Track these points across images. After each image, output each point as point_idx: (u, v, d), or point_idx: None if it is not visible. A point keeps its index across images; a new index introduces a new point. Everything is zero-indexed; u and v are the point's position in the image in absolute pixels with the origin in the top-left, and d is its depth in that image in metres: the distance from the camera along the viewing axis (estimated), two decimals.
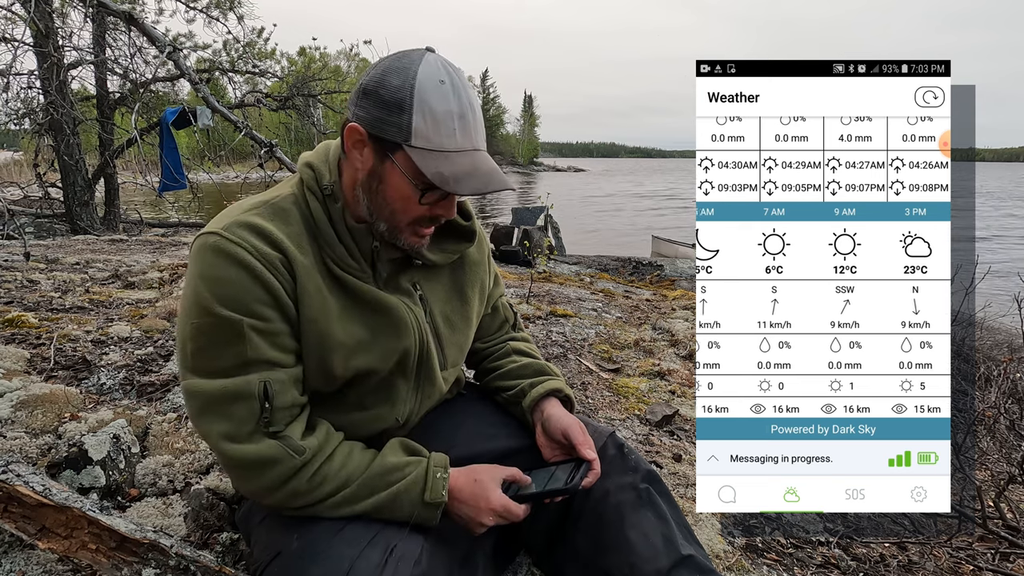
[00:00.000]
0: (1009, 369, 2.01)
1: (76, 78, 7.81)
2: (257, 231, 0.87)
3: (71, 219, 7.55)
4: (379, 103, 0.86)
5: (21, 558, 1.07)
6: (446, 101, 0.85)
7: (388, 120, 0.86)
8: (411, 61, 0.86)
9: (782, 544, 1.52)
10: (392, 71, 0.86)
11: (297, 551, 0.87)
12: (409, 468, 0.92)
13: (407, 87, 0.84)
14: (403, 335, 0.97)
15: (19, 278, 3.28)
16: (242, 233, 0.86)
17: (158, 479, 1.33)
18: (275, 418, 0.87)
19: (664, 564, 0.94)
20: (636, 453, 1.07)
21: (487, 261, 1.16)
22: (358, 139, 0.89)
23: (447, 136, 0.85)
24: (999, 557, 1.56)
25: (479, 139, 0.90)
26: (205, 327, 0.85)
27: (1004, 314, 2.47)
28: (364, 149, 0.90)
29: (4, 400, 1.55)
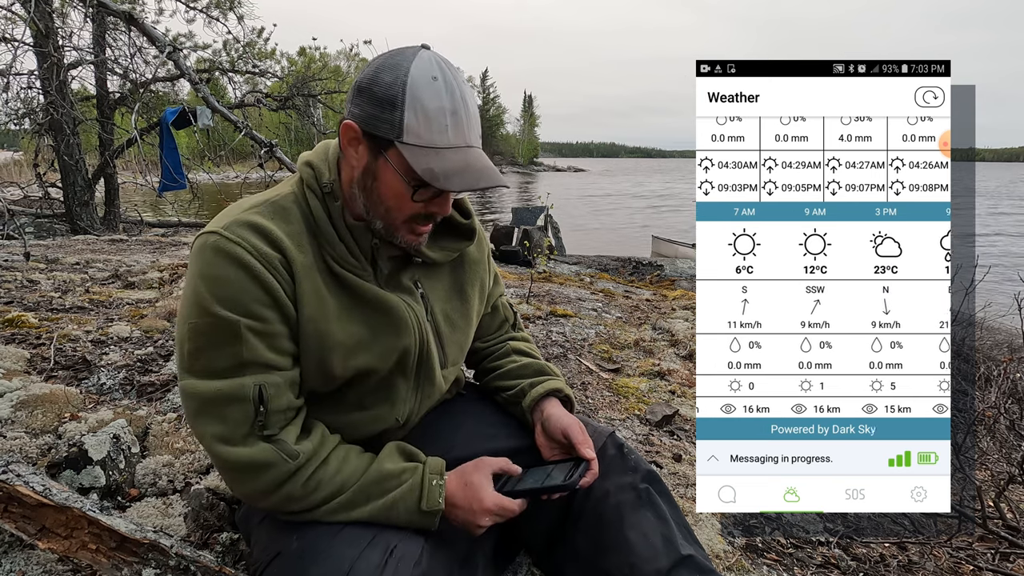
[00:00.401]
0: (1009, 369, 2.01)
1: (76, 78, 7.81)
2: (257, 230, 0.87)
3: (71, 219, 7.54)
4: (372, 100, 0.86)
5: (21, 558, 1.07)
6: (438, 97, 0.85)
7: (381, 117, 0.85)
8: (404, 58, 0.86)
9: (782, 544, 1.52)
10: (385, 68, 0.86)
11: (297, 552, 0.87)
12: (405, 475, 0.92)
13: (399, 84, 0.84)
14: (403, 333, 0.97)
15: (19, 278, 3.27)
16: (242, 232, 0.86)
17: (158, 479, 1.33)
18: (269, 421, 0.86)
19: (664, 564, 0.93)
20: (636, 453, 1.07)
21: (487, 260, 1.15)
22: (353, 136, 0.89)
23: (438, 132, 0.85)
24: (999, 557, 1.56)
25: (472, 136, 0.89)
26: (203, 327, 0.84)
27: (1004, 314, 2.46)
28: (359, 146, 0.90)
29: (4, 400, 1.55)
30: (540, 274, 5.41)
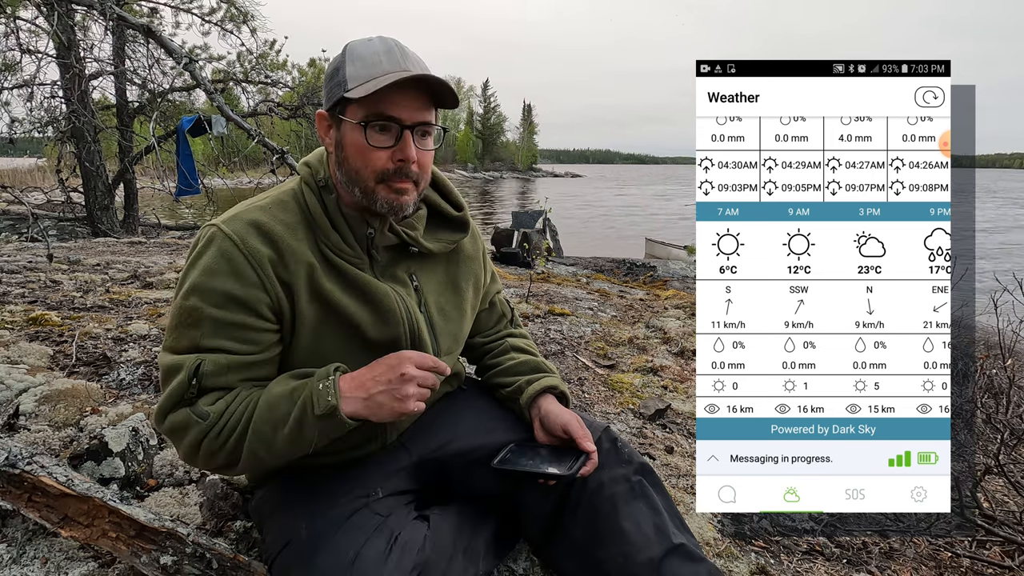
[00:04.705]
0: (986, 366, 2.01)
1: (97, 88, 7.81)
2: (256, 227, 0.89)
3: (92, 222, 7.54)
4: (327, 81, 0.92)
5: (45, 545, 1.07)
6: (372, 46, 0.90)
7: (331, 88, 0.91)
8: None
9: (769, 532, 1.52)
10: None
11: (305, 540, 0.87)
12: (296, 393, 0.85)
13: (342, 53, 0.91)
14: (391, 323, 0.96)
15: (43, 278, 3.27)
16: (239, 229, 0.88)
17: (175, 470, 1.33)
18: (199, 396, 0.85)
19: (656, 552, 0.94)
20: (629, 446, 1.07)
21: (482, 257, 1.15)
22: (323, 123, 0.94)
23: (373, 66, 0.88)
24: (976, 544, 1.56)
25: (409, 64, 0.89)
26: (179, 308, 0.87)
27: (981, 312, 2.46)
28: (329, 129, 0.94)
29: (28, 395, 1.55)
30: (539, 275, 5.40)
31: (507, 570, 1.16)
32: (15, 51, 6.16)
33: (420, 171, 0.92)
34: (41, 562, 1.04)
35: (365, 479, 0.98)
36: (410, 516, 0.95)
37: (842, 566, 1.43)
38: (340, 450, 0.98)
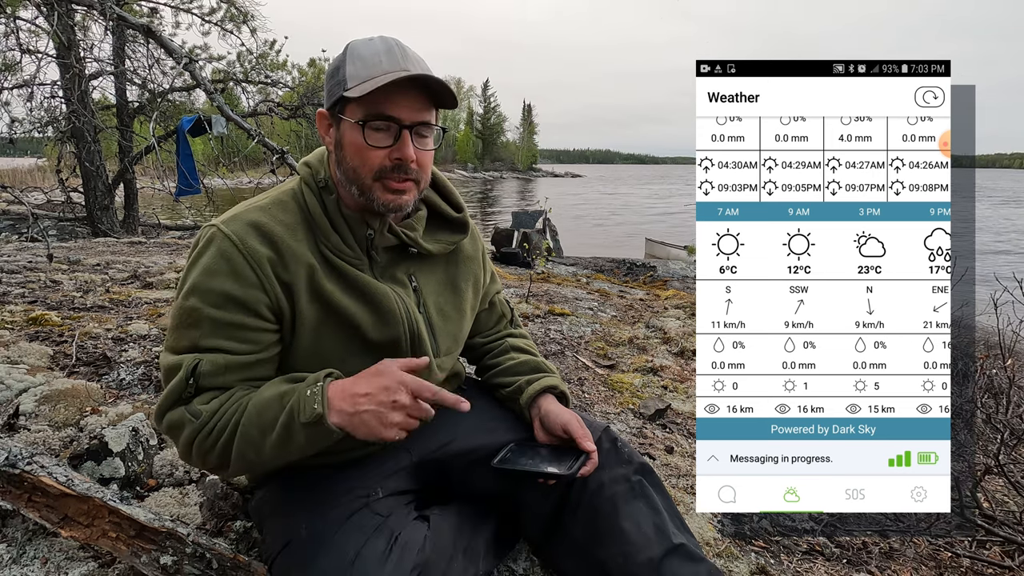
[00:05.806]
0: (985, 366, 2.00)
1: (97, 88, 7.80)
2: (256, 227, 0.89)
3: (92, 222, 7.54)
4: (327, 80, 0.93)
5: (45, 545, 1.07)
6: (373, 45, 0.91)
7: (332, 86, 0.91)
8: None
9: (769, 532, 1.52)
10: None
11: (305, 540, 0.87)
12: (287, 397, 0.83)
13: (343, 53, 0.92)
14: (391, 323, 0.96)
15: (43, 278, 3.27)
16: (238, 229, 0.88)
17: (175, 470, 1.33)
18: (197, 395, 0.86)
19: (656, 552, 0.93)
20: (629, 446, 1.07)
21: (481, 258, 1.15)
22: (324, 122, 0.94)
23: (373, 67, 0.88)
24: (976, 544, 1.56)
25: (409, 64, 0.89)
26: (179, 308, 0.87)
27: (981, 312, 2.46)
28: (329, 128, 0.94)
29: (28, 395, 1.55)
30: (539, 275, 5.40)
31: (507, 570, 1.16)
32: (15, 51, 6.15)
33: (420, 170, 0.92)
34: (41, 562, 1.04)
35: (365, 479, 0.98)
36: (410, 516, 0.95)
37: (842, 566, 1.43)
38: (340, 450, 0.98)
